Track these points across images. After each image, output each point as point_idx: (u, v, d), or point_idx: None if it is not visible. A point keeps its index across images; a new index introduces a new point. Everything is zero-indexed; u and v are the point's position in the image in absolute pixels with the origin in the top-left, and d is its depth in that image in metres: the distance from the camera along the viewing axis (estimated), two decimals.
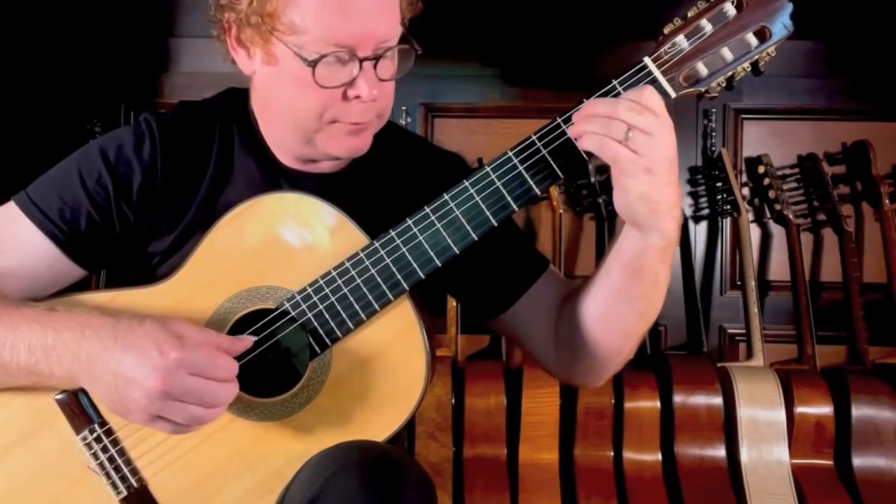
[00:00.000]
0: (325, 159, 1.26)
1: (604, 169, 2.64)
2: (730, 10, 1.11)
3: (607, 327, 1.21)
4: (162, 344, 1.04)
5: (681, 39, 1.11)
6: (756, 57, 1.13)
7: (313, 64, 1.13)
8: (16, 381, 1.14)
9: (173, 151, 1.26)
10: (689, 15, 1.12)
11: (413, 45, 1.19)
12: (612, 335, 1.22)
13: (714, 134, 2.69)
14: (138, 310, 1.18)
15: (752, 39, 1.12)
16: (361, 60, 1.14)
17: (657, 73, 1.11)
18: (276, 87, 1.22)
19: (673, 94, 1.11)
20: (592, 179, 2.59)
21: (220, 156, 1.28)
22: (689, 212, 2.67)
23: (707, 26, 1.11)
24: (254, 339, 1.14)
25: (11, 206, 1.25)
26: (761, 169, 2.60)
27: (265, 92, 1.25)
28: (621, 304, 1.19)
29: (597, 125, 1.07)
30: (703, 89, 1.13)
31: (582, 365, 1.27)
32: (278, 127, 1.26)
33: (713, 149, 2.68)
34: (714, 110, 2.69)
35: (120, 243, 1.26)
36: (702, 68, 1.12)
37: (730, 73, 1.13)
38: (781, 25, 1.11)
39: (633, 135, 1.05)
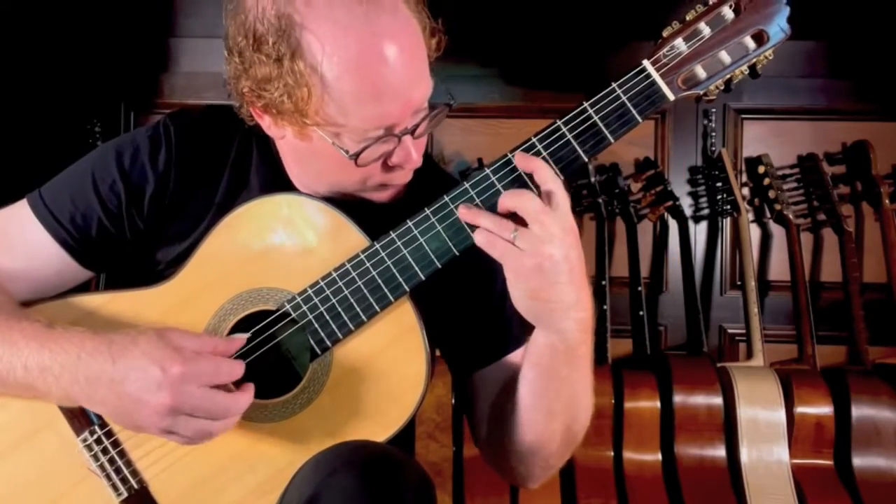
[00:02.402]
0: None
1: (604, 169, 2.64)
2: (728, 13, 1.11)
3: (522, 419, 1.18)
4: (162, 361, 1.04)
5: (679, 43, 1.12)
6: (754, 60, 1.13)
7: (355, 157, 1.10)
8: (14, 393, 1.14)
9: (188, 161, 1.24)
10: (688, 18, 1.12)
11: (448, 101, 1.16)
12: (522, 431, 1.18)
13: (714, 134, 2.69)
14: (137, 312, 1.18)
15: (750, 43, 1.12)
16: (401, 136, 1.11)
17: (656, 76, 1.11)
18: (311, 157, 1.18)
19: (672, 97, 1.11)
20: (592, 179, 2.59)
21: (237, 166, 1.25)
22: (689, 212, 2.67)
23: (705, 30, 1.11)
24: (246, 335, 1.14)
25: (24, 207, 1.24)
26: (761, 169, 2.60)
27: (298, 154, 1.21)
28: (533, 398, 1.16)
29: (488, 221, 1.07)
30: (701, 92, 1.14)
31: (502, 451, 1.23)
32: (312, 180, 1.22)
33: (713, 149, 2.68)
34: (714, 110, 2.69)
35: (130, 249, 1.26)
36: (700, 71, 1.12)
37: (728, 76, 1.14)
38: (779, 29, 1.11)
39: (518, 232, 1.05)
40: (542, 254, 1.04)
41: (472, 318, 1.27)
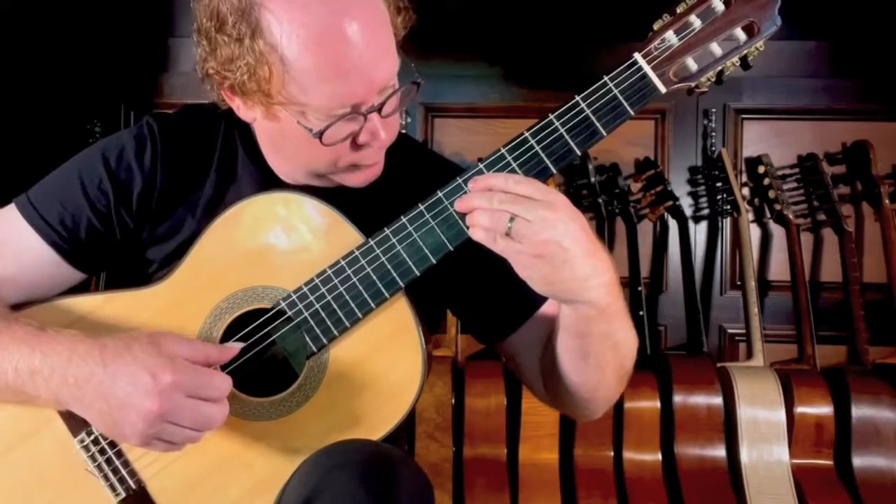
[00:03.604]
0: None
1: (604, 169, 2.64)
2: (718, 5, 1.11)
3: (575, 379, 1.19)
4: (154, 368, 1.04)
5: (670, 35, 1.12)
6: (745, 52, 1.13)
7: (319, 135, 1.10)
8: (4, 399, 1.14)
9: (174, 158, 1.24)
10: (678, 11, 1.12)
11: (415, 78, 1.15)
12: (576, 385, 1.19)
13: (714, 134, 2.69)
14: (132, 313, 1.18)
15: (741, 34, 1.12)
16: (366, 114, 1.11)
17: (647, 69, 1.11)
18: (282, 139, 1.18)
19: (663, 90, 1.11)
20: (592, 179, 2.59)
21: (223, 161, 1.26)
22: (689, 212, 2.67)
23: (696, 22, 1.11)
24: (241, 345, 1.14)
25: (12, 210, 1.24)
26: (761, 169, 2.60)
27: (270, 138, 1.22)
28: (578, 360, 1.16)
29: (483, 219, 1.05)
30: (693, 84, 1.13)
31: (564, 401, 1.25)
32: (288, 165, 1.23)
33: (713, 149, 2.68)
34: (714, 110, 2.69)
35: (120, 249, 1.26)
36: (691, 63, 1.12)
37: (719, 68, 1.13)
38: (769, 20, 1.11)
39: (512, 224, 1.03)
40: (541, 242, 1.02)
41: (490, 286, 1.26)
